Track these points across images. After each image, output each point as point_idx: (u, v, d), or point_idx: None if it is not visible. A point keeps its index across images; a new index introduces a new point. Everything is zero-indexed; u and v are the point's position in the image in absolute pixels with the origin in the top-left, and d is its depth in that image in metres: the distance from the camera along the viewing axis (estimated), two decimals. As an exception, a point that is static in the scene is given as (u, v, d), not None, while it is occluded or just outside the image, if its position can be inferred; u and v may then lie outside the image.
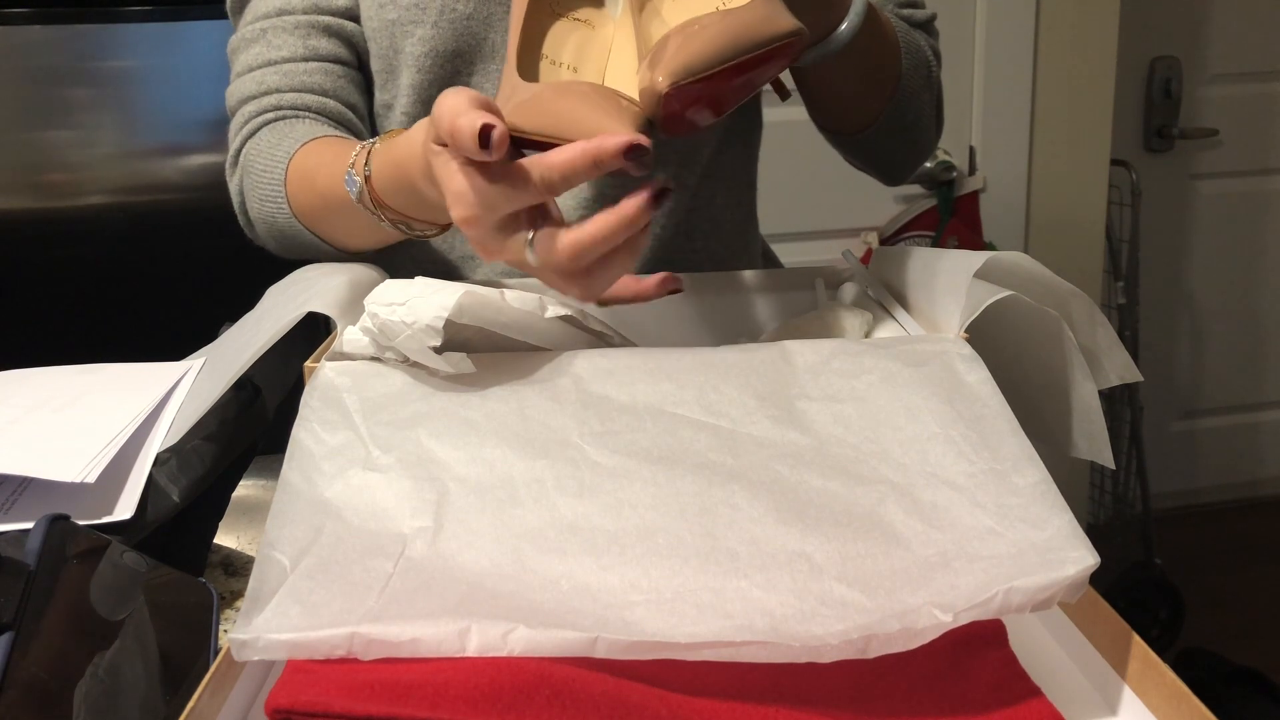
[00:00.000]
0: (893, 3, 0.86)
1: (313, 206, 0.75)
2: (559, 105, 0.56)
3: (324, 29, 0.82)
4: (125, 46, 1.46)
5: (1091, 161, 2.03)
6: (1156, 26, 2.25)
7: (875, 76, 0.81)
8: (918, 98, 0.85)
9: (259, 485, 0.74)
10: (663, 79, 0.54)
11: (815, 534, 0.46)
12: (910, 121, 0.85)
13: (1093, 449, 0.62)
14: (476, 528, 0.47)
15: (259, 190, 0.80)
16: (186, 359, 0.69)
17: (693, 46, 0.55)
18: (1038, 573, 0.43)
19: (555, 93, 0.57)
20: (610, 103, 0.56)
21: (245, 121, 0.82)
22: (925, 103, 0.86)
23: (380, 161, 0.65)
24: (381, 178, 0.65)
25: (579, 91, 0.57)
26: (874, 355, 0.56)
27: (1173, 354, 2.48)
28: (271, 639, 0.42)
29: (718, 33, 0.55)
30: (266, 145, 0.79)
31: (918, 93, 0.85)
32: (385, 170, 0.64)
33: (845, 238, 1.84)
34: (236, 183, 0.84)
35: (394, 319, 0.54)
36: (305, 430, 0.52)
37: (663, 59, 0.55)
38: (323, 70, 0.81)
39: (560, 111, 0.56)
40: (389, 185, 0.64)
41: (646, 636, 0.41)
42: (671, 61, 0.55)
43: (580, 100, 0.56)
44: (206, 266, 1.50)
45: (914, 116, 0.85)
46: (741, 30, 0.56)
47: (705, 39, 0.55)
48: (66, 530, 0.48)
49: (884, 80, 0.82)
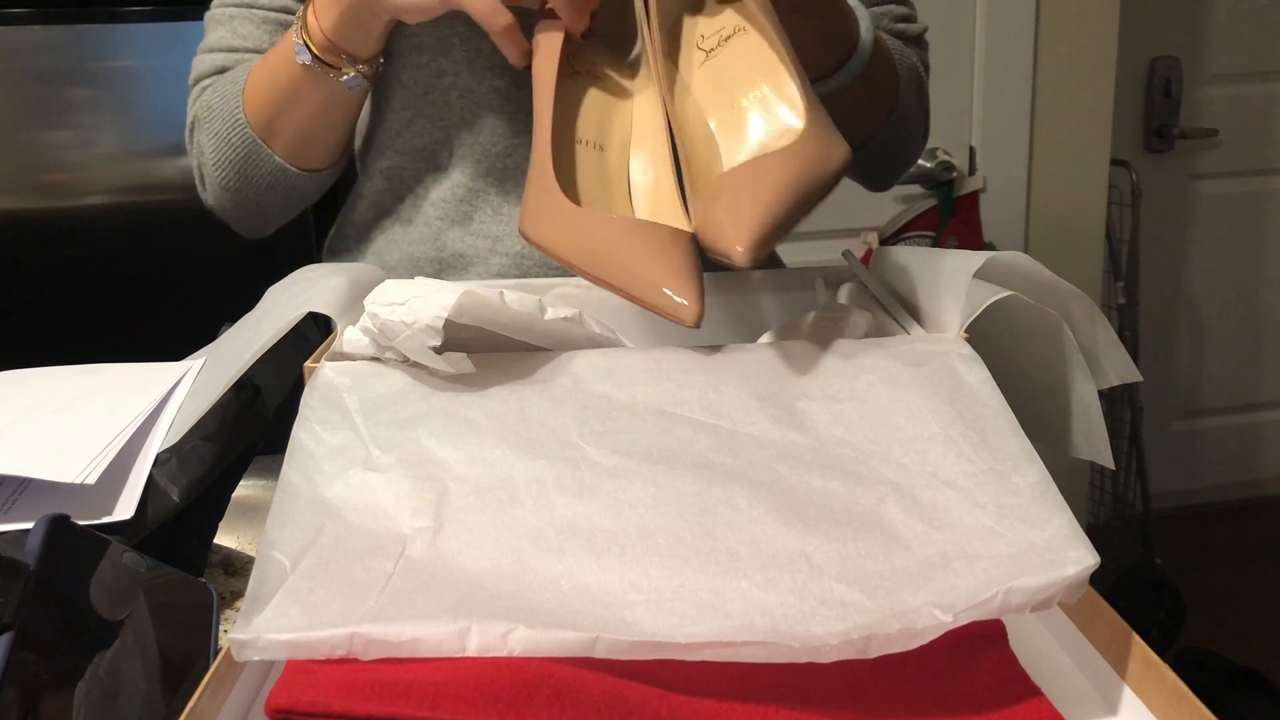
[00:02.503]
0: (888, 18, 0.87)
1: (266, 101, 0.80)
2: (604, 242, 0.55)
3: (288, 26, 0.84)
4: (125, 46, 1.46)
5: (1091, 161, 2.03)
6: (1156, 26, 2.25)
7: (874, 100, 0.82)
8: (911, 115, 0.86)
9: (259, 485, 0.74)
10: (742, 249, 0.53)
11: (815, 534, 0.46)
12: (903, 137, 0.86)
13: (1093, 449, 0.62)
14: (476, 528, 0.47)
15: (215, 124, 0.83)
16: (186, 359, 0.69)
17: (762, 207, 0.54)
18: (1038, 573, 0.43)
19: (601, 226, 0.56)
20: (661, 252, 0.54)
21: (200, 94, 0.86)
22: (917, 118, 0.87)
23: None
24: (320, 4, 0.74)
25: (625, 230, 0.56)
26: (874, 355, 0.56)
27: (1173, 354, 2.49)
28: (271, 639, 0.42)
29: (786, 185, 0.55)
30: (223, 83, 0.84)
31: (911, 110, 0.85)
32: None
33: (845, 238, 1.84)
34: (195, 142, 0.87)
35: (394, 319, 0.54)
36: (305, 430, 0.52)
37: (735, 223, 0.54)
38: None
39: (605, 252, 0.55)
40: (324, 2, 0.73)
41: (646, 636, 0.41)
42: (747, 231, 0.53)
43: (627, 243, 0.55)
44: (206, 266, 1.50)
45: (906, 132, 0.86)
46: (805, 174, 0.55)
47: (774, 196, 0.54)
48: (66, 530, 0.48)
49: (882, 103, 0.83)
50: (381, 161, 0.86)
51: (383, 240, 0.88)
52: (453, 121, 0.83)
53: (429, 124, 0.83)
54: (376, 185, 0.87)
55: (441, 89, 0.81)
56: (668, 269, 0.54)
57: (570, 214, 0.58)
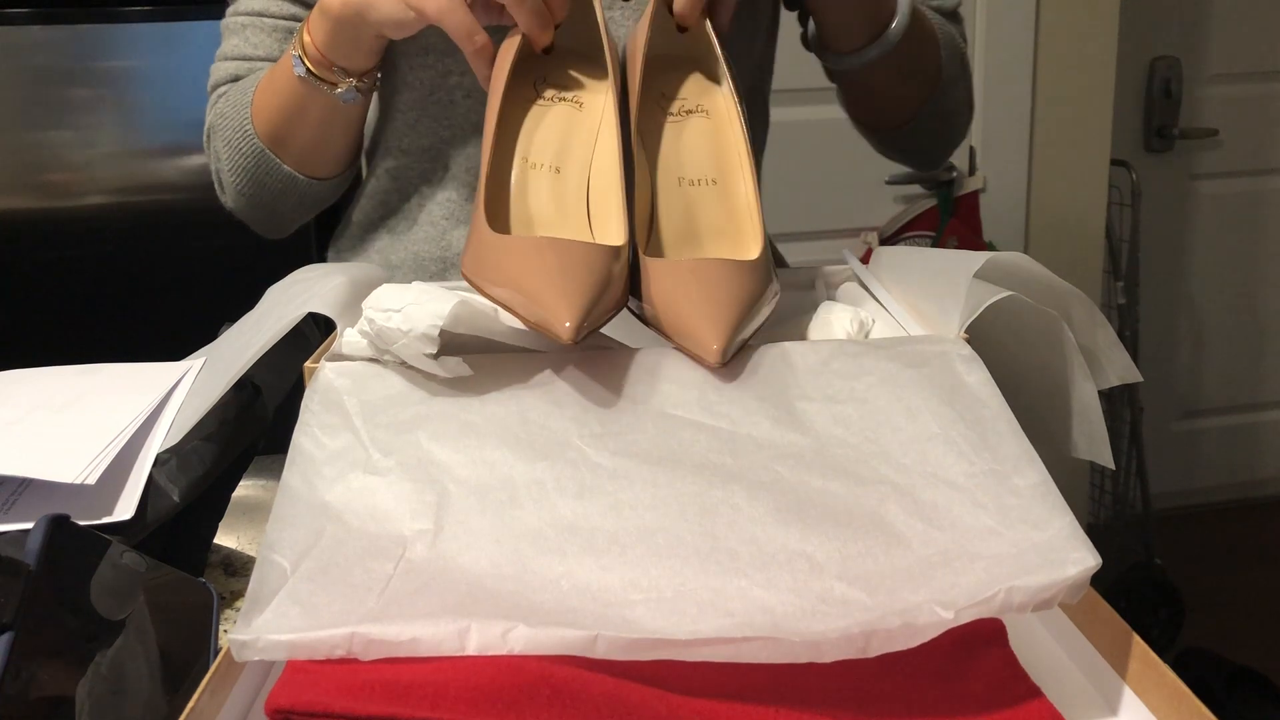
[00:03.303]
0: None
1: (270, 112, 0.81)
2: (516, 268, 0.54)
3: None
4: (125, 46, 1.46)
5: (1091, 161, 2.03)
6: (1156, 26, 2.25)
7: (919, 72, 0.81)
8: (956, 86, 0.85)
9: (259, 485, 0.74)
10: (718, 348, 0.53)
11: (816, 534, 0.46)
12: (949, 109, 0.86)
13: (1093, 449, 0.62)
14: (477, 529, 0.47)
15: (227, 132, 0.84)
16: (186, 359, 0.69)
17: (733, 313, 0.55)
18: (1039, 573, 0.44)
19: (516, 251, 0.55)
20: (561, 269, 0.53)
21: (216, 101, 0.87)
22: (962, 90, 0.86)
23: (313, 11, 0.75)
24: (311, 17, 0.75)
25: (539, 251, 0.54)
26: (874, 356, 0.56)
27: (1173, 354, 2.49)
28: (271, 639, 0.42)
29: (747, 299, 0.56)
30: (235, 92, 0.84)
31: (956, 81, 0.85)
32: (314, 12, 0.75)
33: (845, 238, 1.84)
34: (212, 148, 0.87)
35: (390, 325, 0.54)
36: (305, 435, 0.52)
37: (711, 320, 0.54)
38: None
39: (508, 271, 0.54)
40: (314, 15, 0.75)
41: (647, 634, 0.41)
42: (725, 334, 0.54)
43: (531, 263, 0.53)
44: (206, 266, 1.50)
45: (952, 105, 0.86)
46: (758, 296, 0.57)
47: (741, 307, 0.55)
48: (66, 530, 0.48)
49: (927, 75, 0.82)
50: (387, 161, 0.86)
51: (387, 239, 0.88)
52: (458, 121, 0.83)
53: (434, 124, 0.83)
54: (382, 185, 0.87)
55: (447, 89, 0.82)
56: (560, 286, 0.52)
57: (489, 241, 0.56)
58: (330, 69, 0.76)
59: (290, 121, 0.80)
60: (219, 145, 0.85)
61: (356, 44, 0.75)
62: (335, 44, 0.75)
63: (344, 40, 0.74)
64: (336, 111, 0.79)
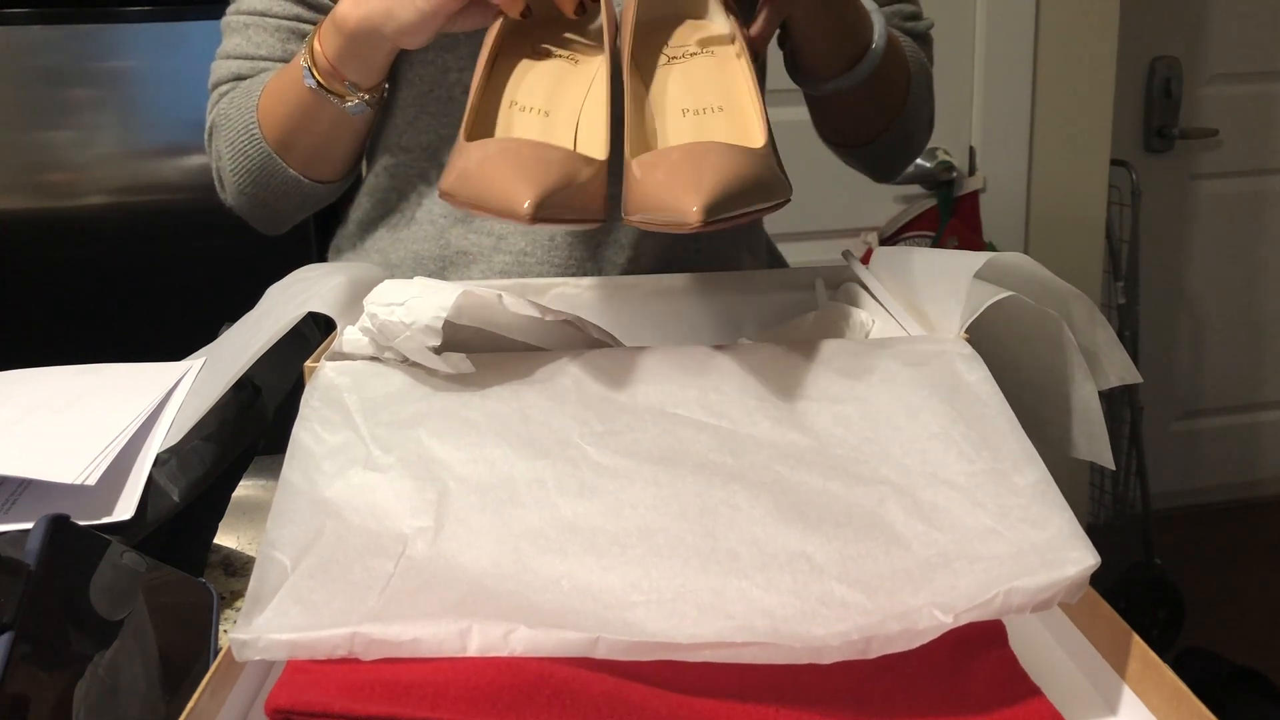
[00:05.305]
0: (898, 17, 0.88)
1: (278, 118, 0.81)
2: (487, 169, 0.54)
3: (302, 36, 0.84)
4: (125, 46, 1.46)
5: (1091, 161, 2.03)
6: (1156, 26, 2.25)
7: (888, 96, 0.83)
8: (920, 110, 0.87)
9: (259, 485, 0.74)
10: (697, 209, 0.49)
11: (816, 534, 0.46)
12: (912, 130, 0.87)
13: (1093, 449, 0.62)
14: (477, 527, 0.47)
15: (231, 133, 0.84)
16: (186, 359, 0.69)
17: (718, 175, 0.51)
18: (1038, 573, 0.44)
19: (491, 149, 0.55)
20: (529, 166, 0.53)
21: (218, 100, 0.87)
22: (925, 112, 0.88)
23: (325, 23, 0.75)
24: (323, 29, 0.75)
25: (508, 148, 0.55)
26: (874, 355, 0.56)
27: (1173, 354, 2.48)
28: (272, 639, 0.42)
29: (737, 168, 0.52)
30: (239, 93, 0.85)
31: (921, 105, 0.87)
32: (326, 24, 0.75)
33: (845, 238, 1.84)
34: (213, 147, 0.88)
35: (393, 319, 0.54)
36: (306, 430, 0.52)
37: (693, 185, 0.50)
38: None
39: (485, 172, 0.54)
40: (326, 28, 0.75)
41: (647, 637, 0.41)
42: (706, 194, 0.50)
43: (498, 160, 0.54)
44: (206, 266, 1.50)
45: (914, 126, 0.87)
46: (755, 172, 0.53)
47: (727, 172, 0.52)
48: (66, 530, 0.48)
49: (895, 99, 0.84)
50: (386, 159, 0.87)
51: (387, 237, 0.88)
52: (457, 118, 0.83)
53: (433, 120, 0.83)
54: (381, 182, 0.88)
55: (446, 85, 0.82)
56: (519, 171, 0.52)
57: (462, 147, 0.57)
58: (341, 82, 0.76)
59: (298, 129, 0.81)
60: (221, 145, 0.85)
61: (370, 60, 0.75)
62: (347, 59, 0.75)
63: (357, 56, 0.75)
64: (343, 122, 0.80)
